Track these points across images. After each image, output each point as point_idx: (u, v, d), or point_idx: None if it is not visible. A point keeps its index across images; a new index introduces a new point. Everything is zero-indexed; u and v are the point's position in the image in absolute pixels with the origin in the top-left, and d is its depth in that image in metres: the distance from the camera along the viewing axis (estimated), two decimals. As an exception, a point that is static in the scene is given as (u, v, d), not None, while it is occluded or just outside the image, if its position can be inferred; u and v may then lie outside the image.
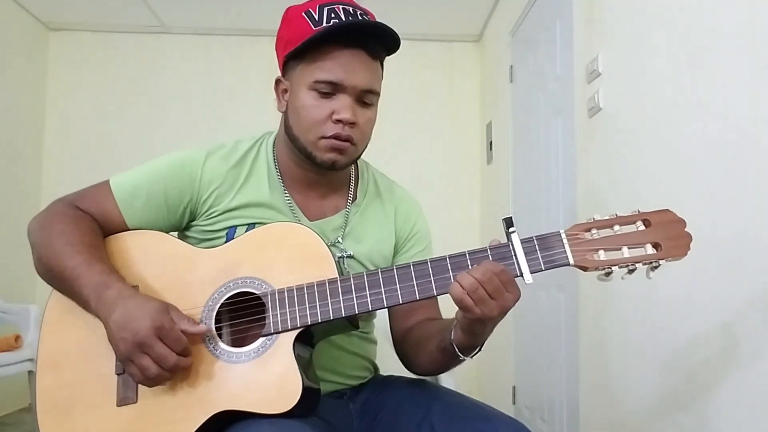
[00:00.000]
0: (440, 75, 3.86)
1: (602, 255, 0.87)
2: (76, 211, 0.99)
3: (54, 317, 0.95)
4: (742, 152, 1.23)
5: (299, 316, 0.89)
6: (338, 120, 0.98)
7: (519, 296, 0.85)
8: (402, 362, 1.13)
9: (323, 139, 0.99)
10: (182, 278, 0.94)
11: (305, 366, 0.90)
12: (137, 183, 1.02)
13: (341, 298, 0.89)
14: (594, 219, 0.89)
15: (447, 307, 1.03)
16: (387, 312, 1.12)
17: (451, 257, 0.89)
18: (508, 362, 2.97)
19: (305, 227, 0.96)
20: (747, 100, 1.23)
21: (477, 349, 0.93)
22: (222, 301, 0.92)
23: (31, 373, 2.51)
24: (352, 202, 1.11)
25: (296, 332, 0.89)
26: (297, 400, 0.83)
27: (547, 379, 2.45)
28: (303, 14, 1.00)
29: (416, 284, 0.89)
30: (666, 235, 0.86)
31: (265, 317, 0.90)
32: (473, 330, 0.88)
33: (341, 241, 1.07)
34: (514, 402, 2.89)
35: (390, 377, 1.15)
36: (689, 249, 0.86)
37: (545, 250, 0.87)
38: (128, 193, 1.01)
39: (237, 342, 0.92)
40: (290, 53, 1.01)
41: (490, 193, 3.52)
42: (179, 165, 1.03)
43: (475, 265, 0.84)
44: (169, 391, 0.87)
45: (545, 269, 0.87)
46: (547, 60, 2.53)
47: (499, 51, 3.31)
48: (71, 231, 0.95)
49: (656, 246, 0.86)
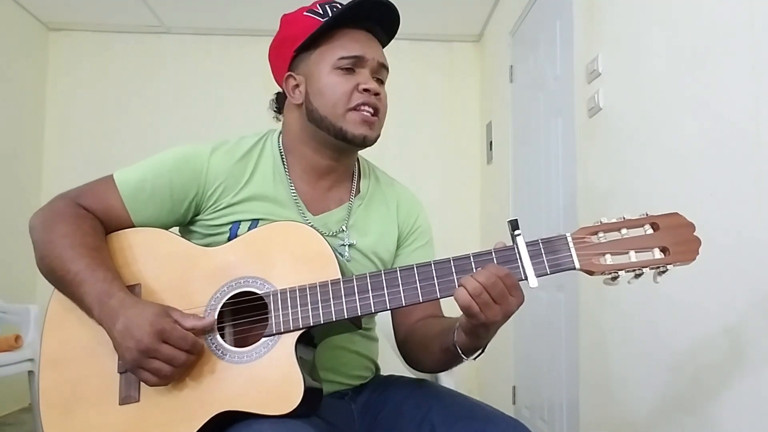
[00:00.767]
0: (440, 75, 3.86)
1: (609, 259, 0.85)
2: (79, 210, 0.99)
3: (56, 315, 0.95)
4: (743, 152, 1.23)
5: (302, 317, 0.89)
6: (365, 89, 1.03)
7: (522, 300, 0.85)
8: (403, 359, 1.14)
9: (351, 112, 1.03)
10: (184, 277, 0.94)
11: (307, 367, 0.90)
12: (142, 177, 1.02)
13: (344, 300, 0.89)
14: (601, 222, 0.87)
15: (448, 306, 1.03)
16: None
17: (455, 260, 0.88)
18: (508, 362, 2.97)
19: (308, 227, 0.96)
20: (747, 100, 1.23)
21: (480, 351, 0.93)
22: (224, 301, 0.92)
23: (31, 373, 2.51)
24: (356, 195, 1.13)
25: (298, 333, 0.89)
26: (299, 401, 0.83)
27: (547, 379, 2.45)
28: (305, 14, 1.07)
29: (420, 287, 0.88)
30: (674, 240, 0.84)
31: (268, 317, 0.90)
32: (476, 333, 0.88)
33: (345, 230, 1.08)
34: (514, 402, 2.89)
35: (391, 377, 1.16)
36: (698, 254, 0.84)
37: (551, 254, 0.86)
38: (133, 188, 1.01)
39: (239, 342, 0.92)
40: (303, 44, 1.06)
41: (490, 193, 3.52)
42: (184, 159, 1.03)
43: (480, 269, 0.84)
44: (172, 391, 0.87)
45: (550, 273, 0.86)
46: (547, 60, 2.53)
47: (499, 51, 3.31)
48: (74, 232, 0.95)
49: (664, 250, 0.85)
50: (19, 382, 2.64)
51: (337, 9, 1.05)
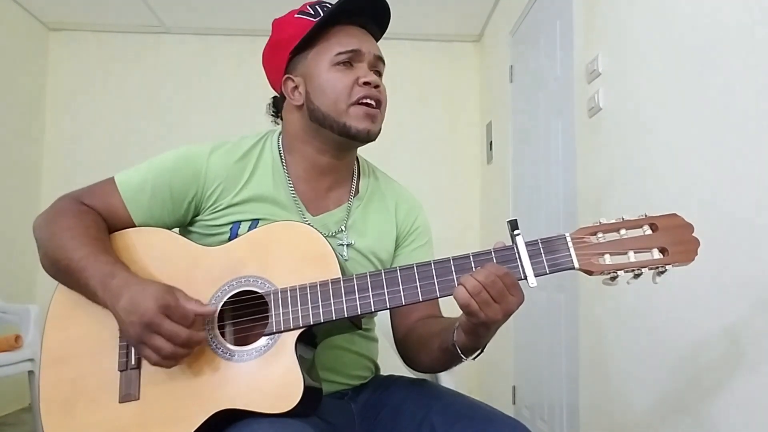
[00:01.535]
0: (440, 75, 3.86)
1: (608, 259, 0.86)
2: (81, 206, 1.00)
3: (58, 313, 0.96)
4: (743, 152, 1.23)
5: (302, 316, 0.89)
6: (365, 82, 1.03)
7: (522, 300, 0.85)
8: (402, 359, 1.14)
9: (354, 106, 1.03)
10: (185, 276, 0.94)
11: (307, 366, 0.90)
12: (142, 178, 1.02)
13: (344, 299, 0.89)
14: (600, 222, 0.88)
15: (448, 306, 1.03)
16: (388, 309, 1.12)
17: (455, 259, 0.88)
18: (508, 362, 2.97)
19: (309, 227, 0.97)
20: (747, 100, 1.23)
21: (479, 351, 0.93)
22: (225, 300, 0.92)
23: (31, 373, 2.51)
24: (355, 196, 1.13)
25: (298, 332, 0.89)
26: (298, 400, 0.83)
27: (547, 379, 2.45)
28: (296, 16, 1.09)
29: (419, 286, 0.88)
30: (673, 240, 0.85)
31: (268, 316, 0.90)
32: (476, 332, 0.88)
33: (344, 230, 1.08)
34: (514, 402, 2.90)
35: (390, 377, 1.16)
36: (696, 254, 0.85)
37: (550, 254, 0.86)
38: (133, 189, 1.02)
39: (239, 341, 0.92)
40: (298, 46, 1.06)
41: (490, 193, 3.52)
42: (184, 159, 1.04)
43: (479, 268, 0.84)
44: (171, 389, 0.88)
45: (550, 273, 0.86)
46: (547, 60, 2.53)
47: (499, 51, 3.32)
48: (76, 225, 0.96)
49: (663, 251, 0.85)
50: (19, 382, 2.64)
51: (328, 8, 1.06)
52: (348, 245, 1.08)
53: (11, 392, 3.14)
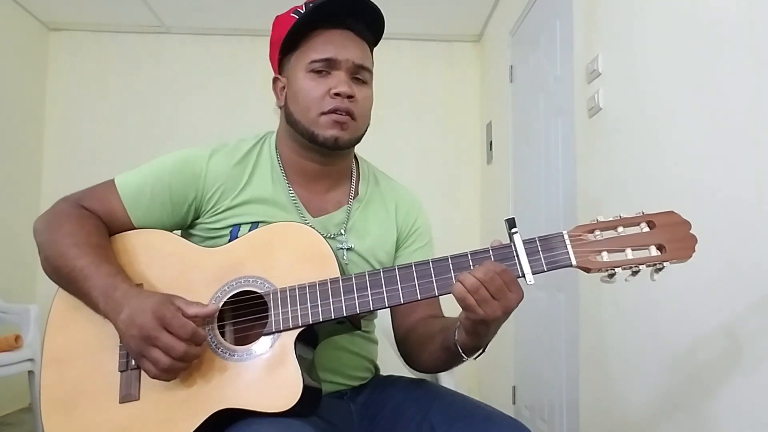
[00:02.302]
0: (440, 75, 3.86)
1: (605, 256, 0.86)
2: (82, 211, 1.00)
3: (60, 314, 0.96)
4: (742, 152, 1.24)
5: (301, 315, 0.89)
6: (336, 94, 1.01)
7: (522, 296, 0.85)
8: (403, 359, 1.14)
9: (323, 116, 1.02)
10: (186, 277, 0.95)
11: (307, 366, 0.91)
12: (142, 181, 1.02)
13: (343, 297, 0.90)
14: (597, 220, 0.88)
15: (449, 307, 1.03)
16: (388, 309, 1.12)
17: (453, 257, 0.89)
18: (508, 362, 2.97)
19: (308, 227, 0.97)
20: (747, 100, 1.23)
21: (480, 350, 0.93)
22: (225, 300, 0.93)
23: (31, 373, 2.52)
24: (354, 198, 1.12)
25: (298, 331, 0.89)
26: (297, 399, 0.84)
27: (547, 379, 2.45)
28: (291, 14, 1.07)
29: (418, 284, 0.89)
30: (670, 237, 0.86)
31: (267, 316, 0.90)
32: (477, 331, 0.88)
33: (343, 233, 1.08)
34: (514, 402, 2.89)
35: (390, 377, 1.16)
36: (694, 251, 0.85)
37: (547, 251, 0.86)
38: (133, 192, 1.02)
39: (239, 340, 0.93)
40: (282, 46, 1.06)
41: (490, 193, 3.52)
42: (183, 163, 1.04)
43: (477, 266, 0.84)
44: (171, 389, 0.88)
45: (547, 270, 0.86)
46: (547, 60, 2.53)
47: (499, 51, 3.32)
48: (78, 231, 0.95)
49: (660, 248, 0.86)
50: (19, 382, 2.64)
51: (318, 6, 1.03)
52: (348, 249, 1.07)
53: (11, 392, 3.14)
